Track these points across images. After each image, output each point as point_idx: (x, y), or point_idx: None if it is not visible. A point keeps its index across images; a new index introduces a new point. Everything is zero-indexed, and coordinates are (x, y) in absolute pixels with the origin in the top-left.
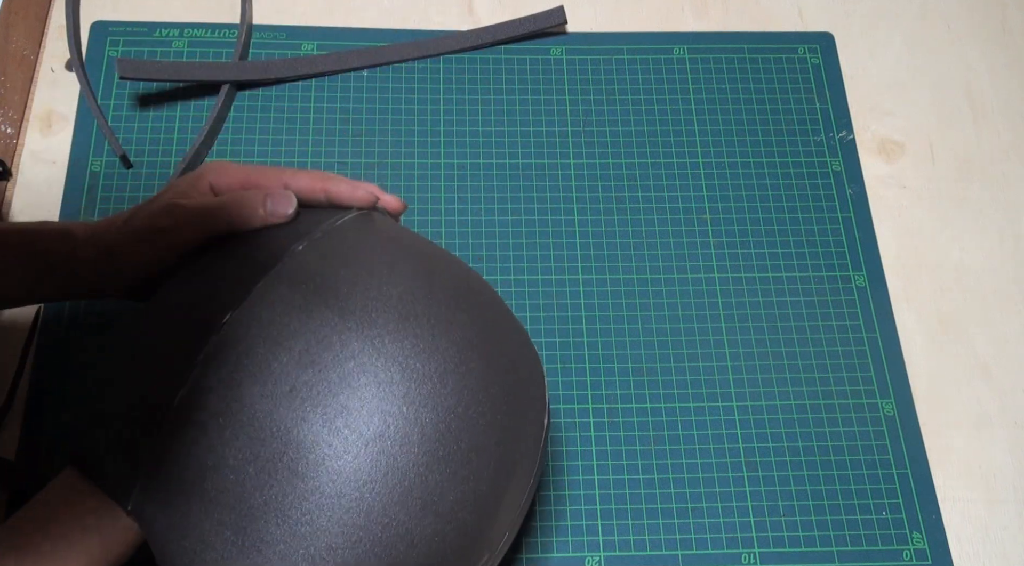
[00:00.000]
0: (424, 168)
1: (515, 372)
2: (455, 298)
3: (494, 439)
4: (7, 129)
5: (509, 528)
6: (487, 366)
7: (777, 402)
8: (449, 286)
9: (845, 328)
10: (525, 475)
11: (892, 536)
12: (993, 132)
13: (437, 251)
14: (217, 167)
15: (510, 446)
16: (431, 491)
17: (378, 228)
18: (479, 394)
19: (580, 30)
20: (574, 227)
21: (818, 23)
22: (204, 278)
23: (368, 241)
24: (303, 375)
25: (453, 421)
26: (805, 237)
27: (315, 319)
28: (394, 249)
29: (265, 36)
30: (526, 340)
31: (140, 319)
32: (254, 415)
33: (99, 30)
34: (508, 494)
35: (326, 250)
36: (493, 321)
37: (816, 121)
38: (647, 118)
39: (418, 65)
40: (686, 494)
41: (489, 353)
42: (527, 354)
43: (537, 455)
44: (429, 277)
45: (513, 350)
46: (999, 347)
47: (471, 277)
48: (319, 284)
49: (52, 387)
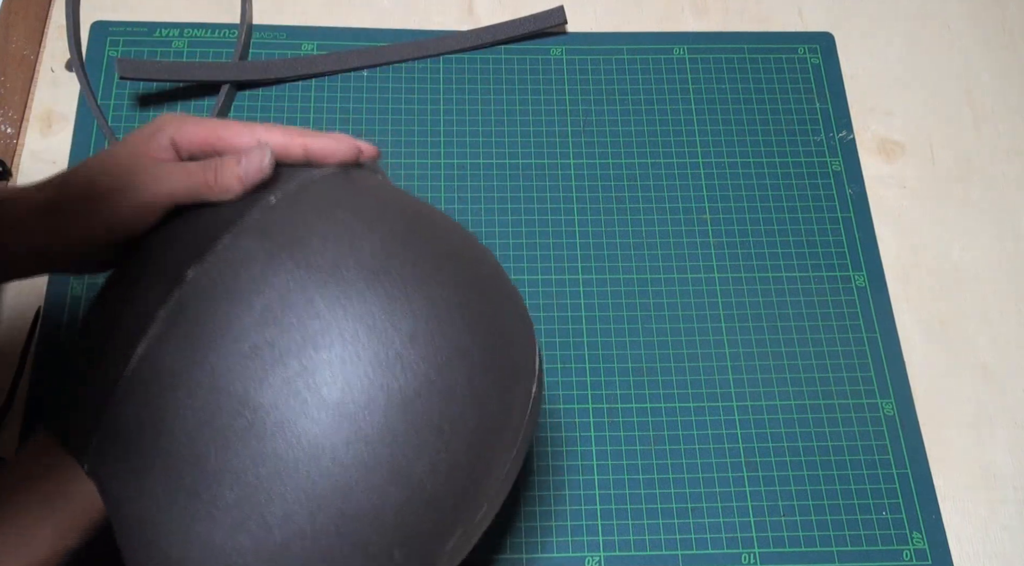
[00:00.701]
0: (424, 168)
1: (500, 337)
2: (437, 256)
3: (471, 408)
4: (7, 129)
5: (488, 502)
6: (467, 329)
7: (777, 402)
8: (432, 244)
9: (845, 328)
10: (507, 447)
11: (892, 536)
12: (993, 132)
13: (425, 209)
14: (176, 120)
15: (490, 416)
16: (397, 461)
17: (360, 184)
18: (455, 359)
19: (580, 30)
20: (574, 227)
21: (818, 23)
22: (172, 232)
23: (347, 196)
24: (265, 334)
25: (424, 387)
26: (805, 237)
27: (280, 275)
28: (374, 205)
29: (265, 36)
30: (518, 305)
31: (113, 275)
32: (212, 374)
33: (99, 30)
34: (486, 467)
35: (300, 204)
36: (480, 282)
37: (816, 121)
38: (647, 118)
39: (418, 65)
40: (686, 494)
41: (471, 315)
42: (518, 319)
43: (522, 427)
44: (409, 234)
45: (501, 314)
46: (999, 347)
47: (460, 236)
48: (288, 238)
49: (52, 387)
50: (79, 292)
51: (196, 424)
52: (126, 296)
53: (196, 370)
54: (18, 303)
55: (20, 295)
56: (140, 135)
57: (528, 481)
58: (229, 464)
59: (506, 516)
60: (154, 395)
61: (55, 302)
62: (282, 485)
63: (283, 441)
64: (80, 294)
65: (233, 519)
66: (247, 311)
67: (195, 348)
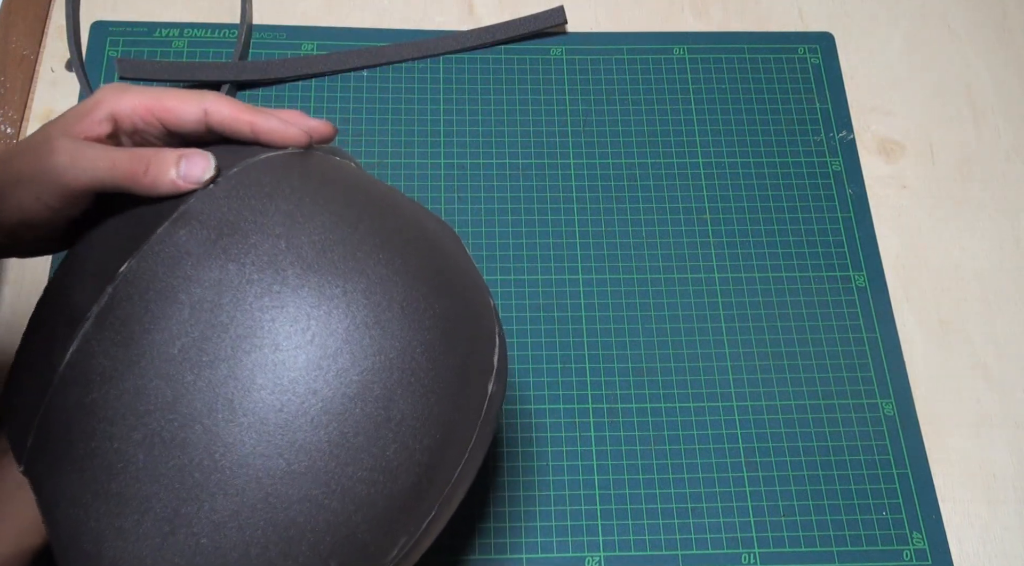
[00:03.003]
0: (424, 168)
1: (450, 332)
2: (384, 246)
3: (412, 412)
4: (7, 129)
5: (438, 507)
6: (409, 326)
7: (777, 402)
8: (380, 232)
9: (845, 328)
10: (457, 450)
11: (892, 536)
12: (993, 132)
13: (380, 192)
14: (116, 91)
15: (434, 419)
16: (331, 471)
17: (308, 168)
18: (395, 361)
19: (580, 30)
20: (574, 227)
21: (818, 23)
22: (109, 219)
23: (291, 181)
24: (194, 333)
25: (360, 392)
26: (805, 237)
27: (214, 270)
28: (319, 190)
29: (265, 36)
30: (477, 294)
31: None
32: (140, 377)
33: (99, 30)
34: (430, 473)
35: (240, 190)
36: (432, 273)
37: (816, 121)
38: (647, 118)
39: (418, 65)
40: (686, 494)
41: (415, 311)
42: (474, 310)
43: (475, 427)
44: (354, 222)
45: (454, 306)
46: (999, 347)
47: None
48: (225, 229)
49: None
50: None
51: (124, 428)
52: (63, 292)
53: (126, 372)
54: (17, 303)
55: (19, 295)
56: (74, 112)
57: (528, 481)
58: (157, 471)
59: (506, 516)
60: (83, 396)
61: None
62: (210, 495)
63: (212, 450)
64: None
65: (160, 527)
66: (177, 310)
67: (125, 348)
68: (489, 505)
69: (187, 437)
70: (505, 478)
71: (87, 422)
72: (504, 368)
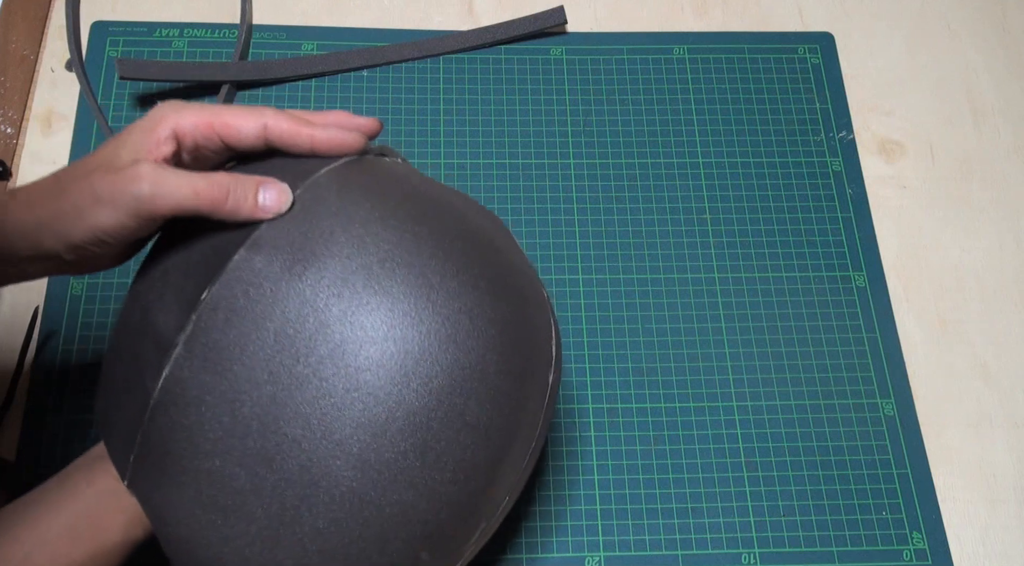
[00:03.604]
0: (424, 168)
1: (517, 330)
2: (452, 256)
3: (490, 411)
4: (7, 129)
5: (510, 493)
6: (481, 333)
7: (777, 402)
8: (446, 242)
9: (845, 328)
10: (526, 440)
11: (892, 536)
12: (993, 132)
13: (437, 198)
14: (176, 109)
15: (509, 415)
16: (419, 473)
17: (367, 181)
18: (468, 369)
19: (580, 30)
20: (574, 227)
21: (818, 23)
22: (183, 246)
23: (353, 197)
24: (281, 357)
25: (440, 401)
26: (805, 237)
27: (292, 295)
28: (383, 205)
29: (265, 36)
30: (535, 289)
31: (132, 292)
32: (234, 401)
33: (99, 30)
34: (507, 464)
35: (309, 212)
36: (495, 275)
37: (816, 121)
38: (647, 118)
39: (418, 65)
40: (686, 494)
41: (485, 318)
42: (536, 306)
43: (540, 416)
44: (422, 234)
45: (518, 305)
46: (999, 347)
47: (475, 222)
48: (299, 254)
49: (52, 387)
50: (79, 292)
51: (224, 448)
52: (146, 315)
53: (219, 398)
54: (17, 302)
55: (19, 294)
56: (140, 130)
57: (528, 481)
58: (258, 487)
59: (506, 516)
60: (182, 419)
61: (54, 301)
62: (309, 507)
63: (309, 467)
64: (80, 294)
65: (266, 535)
66: (263, 337)
67: (217, 376)
68: None
69: (285, 456)
70: None
71: (187, 443)
72: (560, 357)
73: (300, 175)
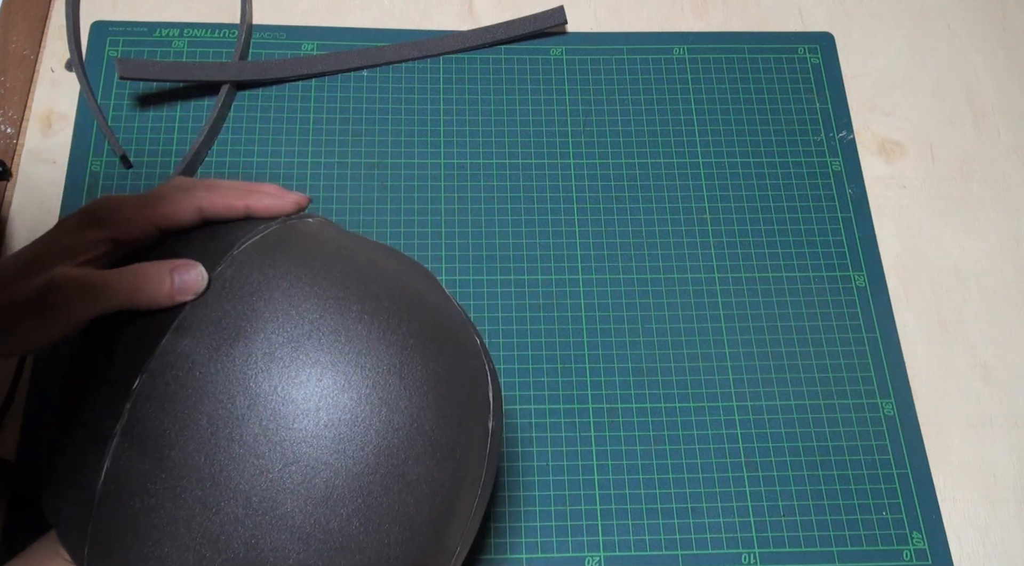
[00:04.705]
0: (424, 168)
1: (451, 387)
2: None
3: (426, 472)
4: (7, 129)
5: (460, 544)
6: (412, 393)
7: (777, 402)
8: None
9: (845, 328)
10: (471, 488)
11: (892, 536)
12: (993, 132)
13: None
14: (108, 205)
15: (448, 471)
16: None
17: (290, 249)
18: (402, 426)
19: (580, 30)
20: (574, 227)
21: (818, 23)
22: (113, 333)
23: (276, 268)
24: (214, 441)
25: (379, 460)
26: (805, 237)
27: (220, 376)
28: (307, 274)
29: (265, 36)
30: (470, 342)
31: (66, 378)
32: (175, 486)
33: (99, 30)
34: (453, 516)
35: (232, 289)
36: (427, 335)
37: (816, 121)
38: (647, 118)
39: (418, 65)
40: (686, 494)
41: (416, 376)
42: (469, 358)
43: (483, 465)
44: (349, 300)
45: (451, 361)
46: (999, 347)
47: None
48: (225, 334)
49: (52, 387)
50: None
51: (170, 534)
52: (82, 404)
53: (161, 485)
54: None
55: None
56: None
57: (528, 481)
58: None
59: (506, 516)
60: (128, 507)
61: None
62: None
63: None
64: None
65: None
66: (195, 419)
67: (156, 462)
68: (489, 505)
69: (229, 537)
70: (505, 478)
71: (134, 532)
72: (499, 402)
73: (221, 250)
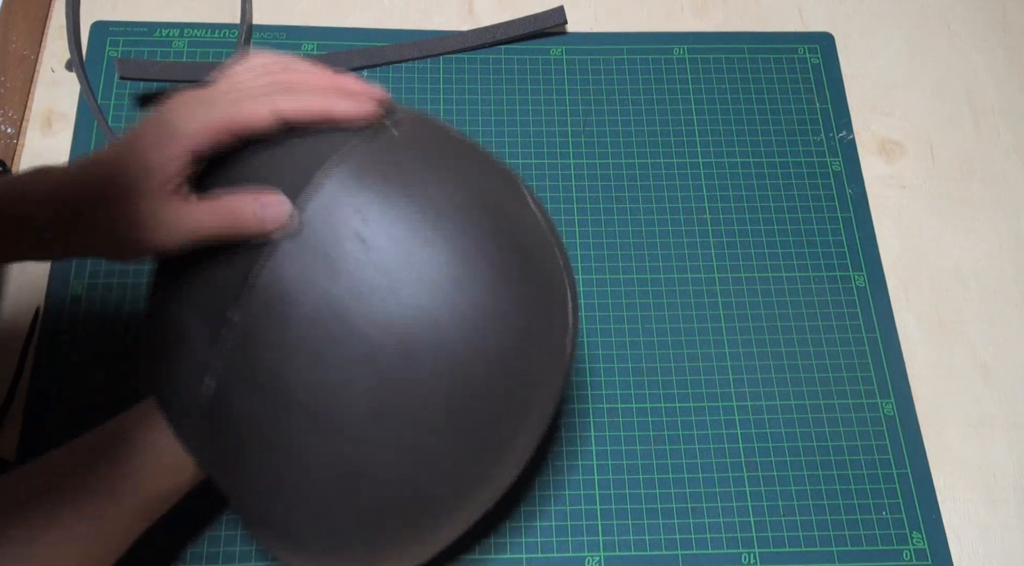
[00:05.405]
0: None
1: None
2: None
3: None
4: (7, 129)
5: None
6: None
7: (777, 402)
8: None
9: (845, 328)
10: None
11: (892, 536)
12: (993, 132)
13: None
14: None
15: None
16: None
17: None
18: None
19: (580, 30)
20: (574, 227)
21: (818, 23)
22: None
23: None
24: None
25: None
26: (805, 237)
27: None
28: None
29: (265, 36)
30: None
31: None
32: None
33: (99, 30)
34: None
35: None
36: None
37: (816, 121)
38: (647, 118)
39: (418, 65)
40: (686, 494)
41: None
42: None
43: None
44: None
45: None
46: (999, 347)
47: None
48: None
49: (52, 387)
50: (79, 292)
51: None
52: (178, 328)
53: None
54: (18, 302)
55: (20, 294)
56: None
57: (528, 481)
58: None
59: (506, 515)
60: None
61: (55, 301)
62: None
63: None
64: (80, 294)
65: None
66: (292, 354)
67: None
68: None
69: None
70: None
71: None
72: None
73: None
